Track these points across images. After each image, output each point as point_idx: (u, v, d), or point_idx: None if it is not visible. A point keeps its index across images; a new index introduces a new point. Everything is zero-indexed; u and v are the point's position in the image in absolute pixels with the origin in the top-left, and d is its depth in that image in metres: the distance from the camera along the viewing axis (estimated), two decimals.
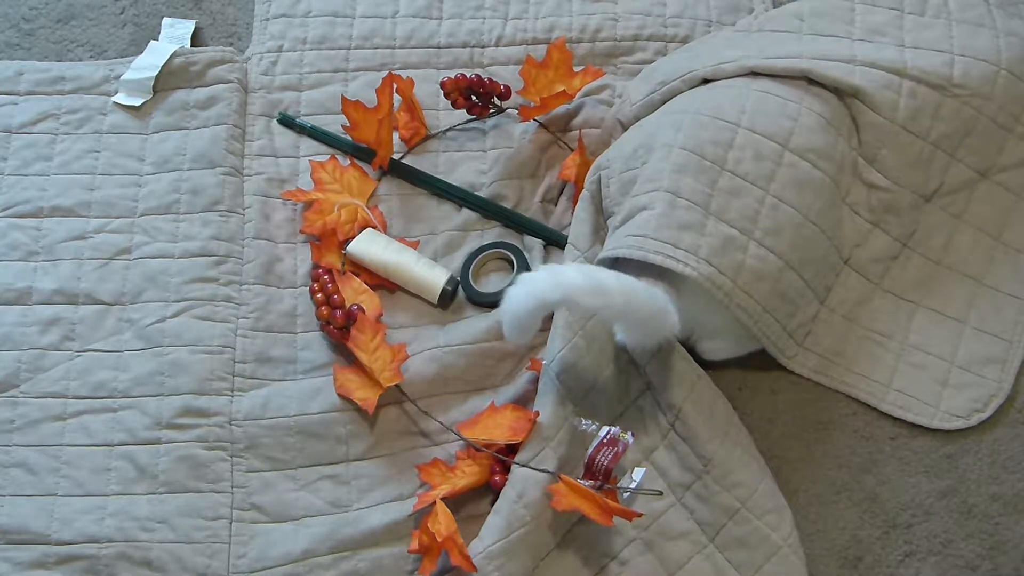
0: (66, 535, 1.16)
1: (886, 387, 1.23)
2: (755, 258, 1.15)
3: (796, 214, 1.17)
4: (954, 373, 1.23)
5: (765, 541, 1.12)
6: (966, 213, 1.30)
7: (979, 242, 1.29)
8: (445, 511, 1.10)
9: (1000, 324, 1.25)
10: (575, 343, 1.17)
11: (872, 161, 1.25)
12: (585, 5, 1.50)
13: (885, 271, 1.28)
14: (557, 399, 1.15)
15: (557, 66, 1.42)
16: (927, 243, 1.29)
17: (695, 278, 1.12)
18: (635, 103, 1.33)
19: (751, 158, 1.17)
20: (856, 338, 1.25)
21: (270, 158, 1.41)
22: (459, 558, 1.06)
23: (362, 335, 1.23)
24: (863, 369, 1.24)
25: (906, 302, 1.27)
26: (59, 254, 1.33)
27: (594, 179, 1.27)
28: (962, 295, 1.27)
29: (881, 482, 1.19)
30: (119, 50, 1.52)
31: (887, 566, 1.14)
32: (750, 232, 1.15)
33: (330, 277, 1.27)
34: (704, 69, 1.28)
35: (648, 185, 1.18)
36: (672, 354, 1.17)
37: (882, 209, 1.26)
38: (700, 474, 1.14)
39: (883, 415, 1.22)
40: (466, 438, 1.17)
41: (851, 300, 1.26)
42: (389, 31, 1.49)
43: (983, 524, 1.16)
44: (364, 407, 1.20)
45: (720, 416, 1.17)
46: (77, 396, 1.24)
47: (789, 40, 1.30)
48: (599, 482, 1.11)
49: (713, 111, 1.21)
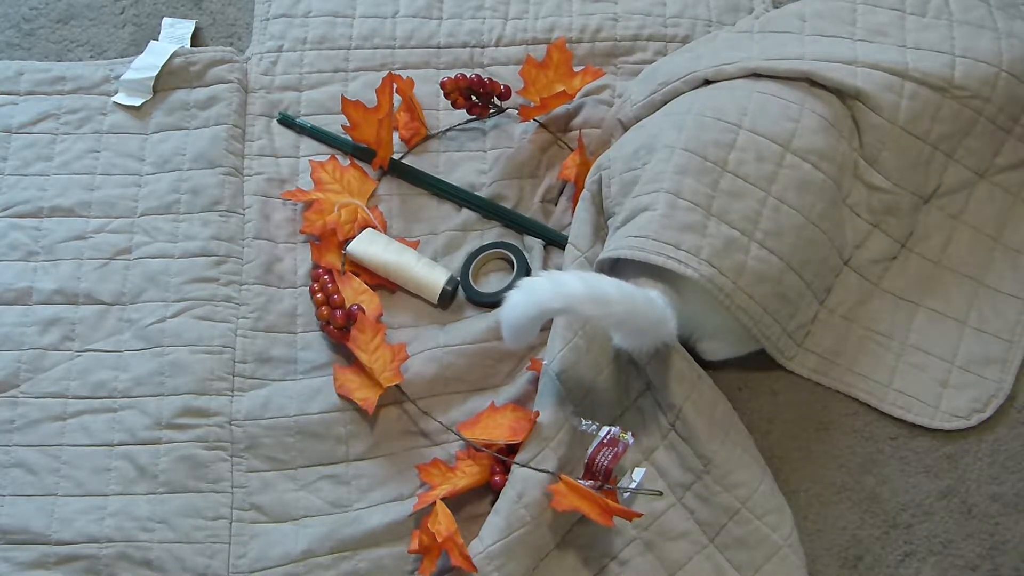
0: (66, 535, 1.16)
1: (886, 387, 1.23)
2: (757, 260, 1.15)
3: (798, 215, 1.17)
4: (954, 373, 1.23)
5: (765, 541, 1.12)
6: (964, 213, 1.30)
7: (978, 242, 1.29)
8: (445, 511, 1.10)
9: (1000, 324, 1.25)
10: (575, 343, 1.17)
11: (873, 162, 1.25)
12: (585, 5, 1.50)
13: (884, 271, 1.28)
14: (557, 399, 1.15)
15: (557, 66, 1.42)
16: (926, 243, 1.29)
17: (697, 279, 1.12)
18: (636, 103, 1.33)
19: (753, 159, 1.17)
20: (856, 338, 1.25)
21: (270, 158, 1.41)
22: (459, 558, 1.06)
23: (362, 335, 1.23)
24: (863, 369, 1.24)
25: (906, 302, 1.27)
26: (59, 254, 1.33)
27: (595, 179, 1.27)
28: (962, 295, 1.27)
29: (881, 482, 1.19)
30: (119, 50, 1.52)
31: (887, 566, 1.14)
32: (751, 233, 1.15)
33: (330, 277, 1.27)
34: (706, 70, 1.28)
35: (650, 186, 1.18)
36: (672, 354, 1.17)
37: (882, 210, 1.26)
38: (700, 474, 1.14)
39: (883, 415, 1.22)
40: (466, 438, 1.17)
41: (851, 300, 1.26)
42: (389, 31, 1.49)
43: (983, 524, 1.16)
44: (364, 407, 1.20)
45: (720, 416, 1.17)
46: (77, 396, 1.24)
47: (791, 41, 1.30)
48: (599, 482, 1.11)
49: (715, 112, 1.21)
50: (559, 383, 1.16)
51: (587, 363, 1.18)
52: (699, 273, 1.12)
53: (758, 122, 1.19)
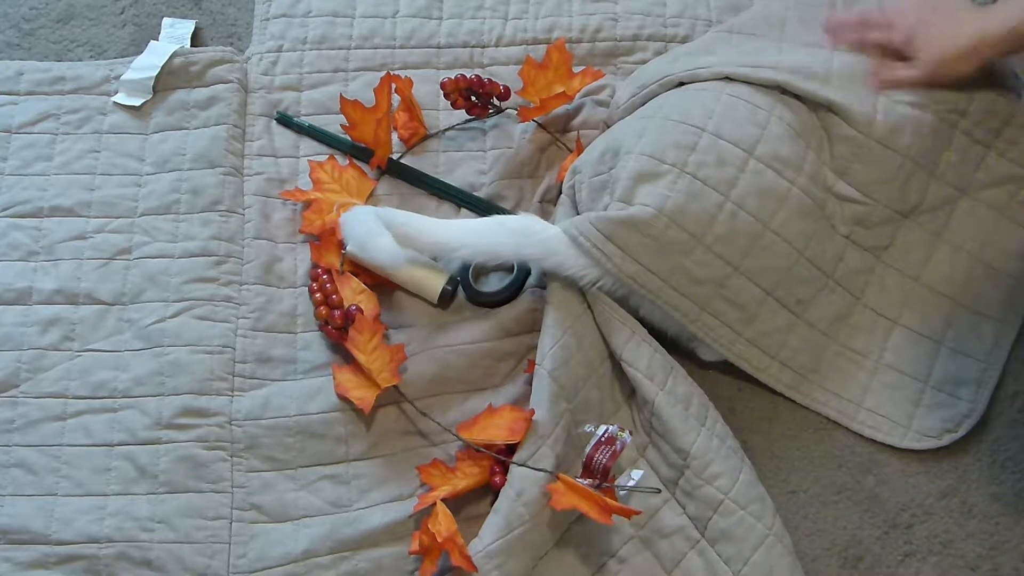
0: (66, 535, 1.16)
1: (857, 406, 1.22)
2: (697, 263, 1.15)
3: (755, 222, 1.16)
4: (928, 393, 1.22)
5: (752, 531, 1.11)
6: (946, 231, 1.27)
7: (959, 260, 1.27)
8: (446, 512, 1.10)
9: (976, 345, 1.23)
10: (565, 341, 1.17)
11: (842, 174, 1.22)
12: (585, 5, 1.50)
13: (865, 285, 1.26)
14: (551, 397, 1.15)
15: (556, 67, 1.42)
16: (905, 259, 1.27)
17: (616, 274, 1.15)
18: (619, 106, 1.33)
19: (713, 163, 1.16)
20: (831, 355, 1.24)
21: (270, 158, 1.41)
22: (460, 558, 1.06)
23: (360, 335, 1.23)
24: (835, 387, 1.23)
25: (884, 319, 1.25)
26: (59, 254, 1.33)
27: (570, 184, 1.27)
28: (940, 314, 1.25)
29: (881, 482, 1.19)
30: (119, 50, 1.52)
31: (887, 566, 1.14)
32: (701, 237, 1.15)
33: (329, 277, 1.27)
34: (680, 73, 1.27)
35: (611, 190, 1.18)
36: (642, 347, 1.18)
37: (852, 221, 1.24)
38: (682, 469, 1.14)
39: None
40: (465, 439, 1.17)
41: (831, 315, 1.24)
42: (389, 31, 1.49)
43: (983, 524, 1.16)
44: (360, 407, 1.20)
45: (696, 409, 1.17)
46: (77, 396, 1.24)
47: (769, 49, 1.28)
48: (598, 480, 1.11)
49: (681, 115, 1.20)
50: (552, 380, 1.16)
51: (579, 360, 1.18)
52: (620, 270, 1.15)
53: (723, 126, 1.18)
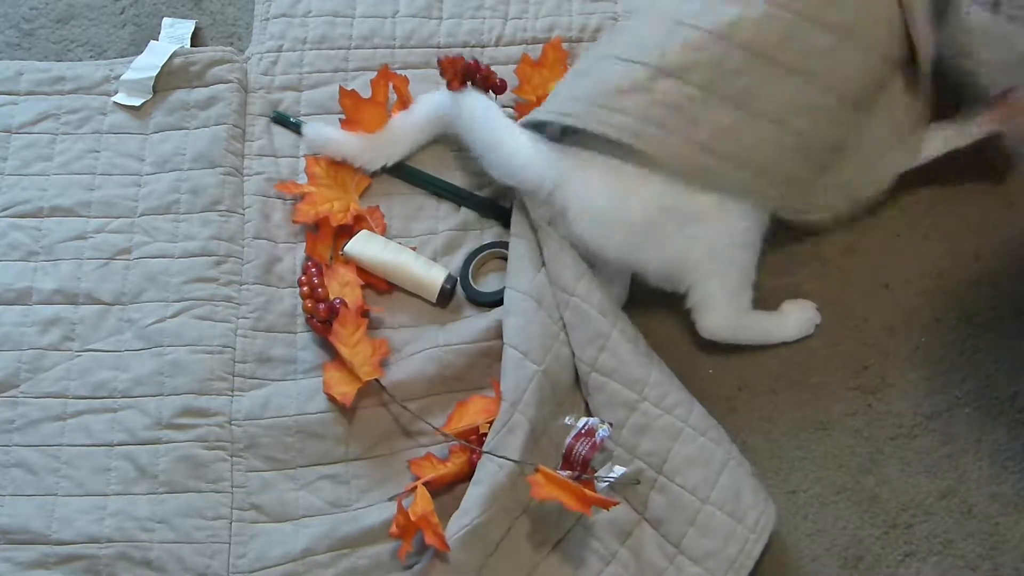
0: (66, 535, 1.16)
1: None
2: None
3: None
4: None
5: (714, 456, 1.12)
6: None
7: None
8: (424, 494, 1.11)
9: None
10: (523, 307, 1.20)
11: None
12: (585, 5, 1.50)
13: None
14: (514, 363, 1.17)
15: (552, 65, 1.42)
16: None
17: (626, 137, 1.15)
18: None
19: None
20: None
21: (270, 158, 1.41)
22: (433, 537, 1.07)
23: (343, 329, 1.23)
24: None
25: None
26: (59, 254, 1.33)
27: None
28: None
29: (881, 482, 1.19)
30: (119, 50, 1.52)
31: (887, 566, 1.14)
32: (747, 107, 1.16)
33: (317, 271, 1.27)
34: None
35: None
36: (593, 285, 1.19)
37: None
38: (635, 404, 1.15)
39: (883, 415, 1.22)
40: (447, 433, 1.18)
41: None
42: (389, 31, 1.49)
43: (983, 524, 1.16)
44: (342, 402, 1.20)
45: (644, 348, 1.19)
46: (77, 396, 1.24)
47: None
48: (577, 472, 1.12)
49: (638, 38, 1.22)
50: (514, 349, 1.18)
51: (540, 321, 1.19)
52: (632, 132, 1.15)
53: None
